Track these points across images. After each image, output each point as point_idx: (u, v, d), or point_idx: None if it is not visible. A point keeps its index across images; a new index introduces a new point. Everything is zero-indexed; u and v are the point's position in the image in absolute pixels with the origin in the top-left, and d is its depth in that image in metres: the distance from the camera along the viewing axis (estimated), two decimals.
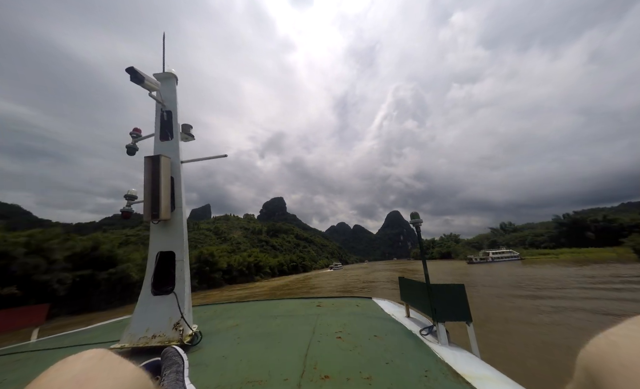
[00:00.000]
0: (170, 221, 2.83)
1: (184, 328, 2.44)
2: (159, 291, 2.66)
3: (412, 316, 3.23)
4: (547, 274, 31.53)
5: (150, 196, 2.67)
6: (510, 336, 9.42)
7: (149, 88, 2.82)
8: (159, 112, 3.17)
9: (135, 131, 3.28)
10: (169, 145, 3.10)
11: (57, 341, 3.50)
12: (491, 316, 12.38)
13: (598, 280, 23.09)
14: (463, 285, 2.38)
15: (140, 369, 0.27)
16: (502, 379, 1.59)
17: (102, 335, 3.54)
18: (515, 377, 1.59)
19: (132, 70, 2.54)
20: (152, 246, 2.80)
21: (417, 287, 2.86)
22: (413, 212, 2.59)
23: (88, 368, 0.21)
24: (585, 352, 0.16)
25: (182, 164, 3.10)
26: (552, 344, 8.19)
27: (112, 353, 0.24)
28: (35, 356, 2.76)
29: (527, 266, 49.44)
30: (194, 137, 3.59)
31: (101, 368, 0.21)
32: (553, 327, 10.21)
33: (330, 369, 1.61)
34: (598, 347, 0.16)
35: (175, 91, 3.29)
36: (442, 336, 2.21)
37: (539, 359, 7.20)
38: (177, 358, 1.14)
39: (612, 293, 16.60)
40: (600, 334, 0.16)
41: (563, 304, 14.26)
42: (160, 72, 3.29)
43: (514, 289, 21.25)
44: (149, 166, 2.73)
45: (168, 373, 1.03)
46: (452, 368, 1.67)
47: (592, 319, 10.92)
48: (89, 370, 0.20)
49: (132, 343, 2.37)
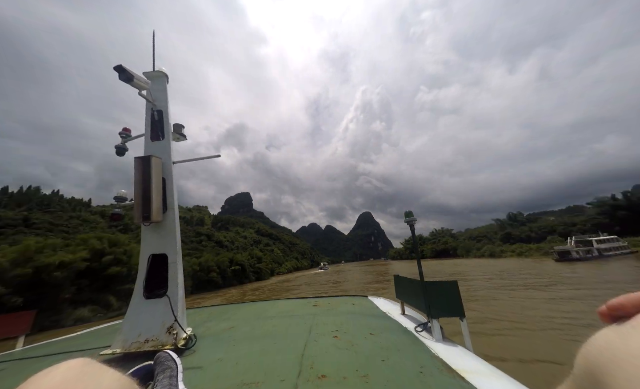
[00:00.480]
0: (162, 222, 2.78)
1: (178, 331, 2.40)
2: (151, 295, 2.61)
3: (407, 313, 3.27)
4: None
5: (141, 197, 2.61)
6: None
7: (138, 87, 2.75)
8: (149, 111, 3.10)
9: (125, 130, 3.20)
10: (160, 145, 3.04)
11: (44, 348, 3.39)
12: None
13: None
14: (456, 281, 2.42)
15: (125, 377, 0.25)
16: (495, 373, 1.62)
17: (93, 341, 3.45)
18: (508, 371, 1.62)
19: (121, 69, 2.48)
20: (144, 248, 2.74)
21: (412, 284, 2.89)
22: (407, 211, 2.61)
23: (68, 379, 0.19)
24: (585, 348, 0.16)
25: (174, 164, 3.05)
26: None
27: (94, 361, 0.22)
28: (21, 365, 2.66)
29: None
30: (185, 137, 3.53)
31: (82, 378, 0.20)
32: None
33: (327, 369, 1.62)
34: (598, 343, 0.16)
35: (166, 90, 3.23)
36: (437, 332, 2.25)
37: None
38: (170, 362, 1.11)
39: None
40: (601, 330, 0.16)
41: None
42: (150, 70, 3.22)
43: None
44: (139, 167, 2.66)
45: (161, 378, 1.01)
46: (447, 363, 1.69)
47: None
48: (69, 381, 0.19)
49: (124, 348, 2.31)
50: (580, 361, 0.16)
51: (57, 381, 0.19)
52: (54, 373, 0.20)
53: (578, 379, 0.16)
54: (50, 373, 0.20)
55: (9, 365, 2.72)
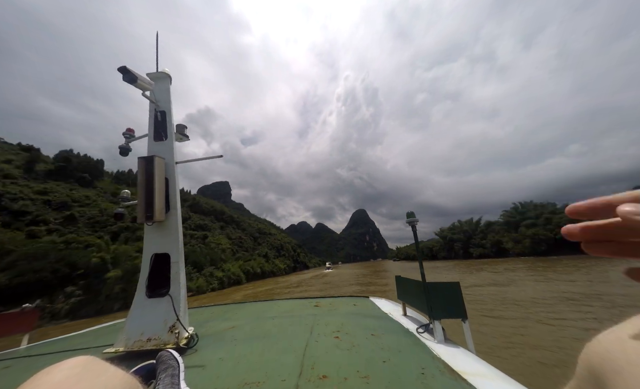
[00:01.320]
0: (164, 222, 2.80)
1: (180, 330, 2.41)
2: (154, 294, 2.63)
3: (408, 314, 3.26)
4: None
5: (144, 197, 2.63)
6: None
7: (142, 88, 2.78)
8: (152, 112, 3.13)
9: (129, 131, 3.23)
10: (163, 145, 3.07)
11: (48, 346, 3.43)
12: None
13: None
14: (458, 282, 2.41)
15: (129, 375, 0.26)
16: (498, 375, 1.61)
17: (96, 339, 3.48)
18: (511, 373, 1.61)
19: (125, 70, 2.50)
20: (147, 248, 2.76)
21: (414, 285, 2.88)
22: (409, 212, 2.60)
23: (71, 377, 0.19)
24: (588, 348, 0.16)
25: (176, 164, 3.08)
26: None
27: (97, 359, 0.22)
28: (25, 363, 2.69)
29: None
30: (188, 138, 3.56)
31: (86, 376, 0.20)
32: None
33: (328, 369, 1.62)
34: (603, 344, 0.16)
35: (169, 91, 3.26)
36: (439, 334, 2.23)
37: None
38: (172, 361, 1.12)
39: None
40: (605, 330, 0.16)
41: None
42: (154, 71, 3.25)
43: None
44: (142, 167, 2.69)
45: (163, 376, 1.02)
46: (449, 365, 1.68)
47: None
48: (72, 379, 0.19)
49: (127, 347, 2.33)
50: (583, 362, 0.16)
51: (60, 378, 0.19)
52: (57, 370, 0.20)
53: (581, 380, 0.16)
54: (53, 370, 0.20)
55: (14, 362, 2.76)
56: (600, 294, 14.01)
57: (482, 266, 44.40)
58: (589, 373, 0.16)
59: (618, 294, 13.52)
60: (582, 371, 0.16)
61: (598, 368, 0.16)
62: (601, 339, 0.16)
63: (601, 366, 0.16)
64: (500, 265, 41.87)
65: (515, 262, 48.15)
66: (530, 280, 22.24)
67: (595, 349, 0.16)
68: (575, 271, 25.74)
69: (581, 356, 0.16)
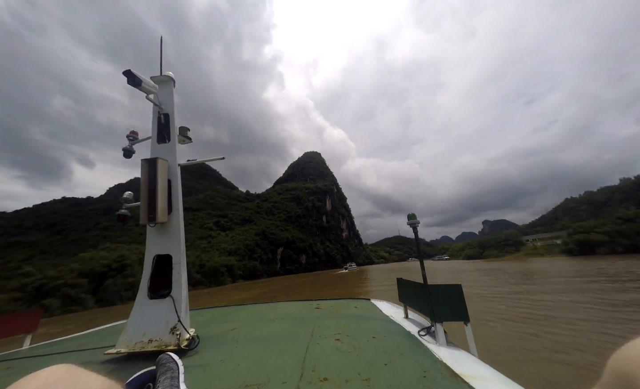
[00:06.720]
0: (167, 223, 2.82)
1: (181, 332, 2.42)
2: (155, 295, 2.64)
3: (410, 317, 3.24)
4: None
5: (147, 198, 2.66)
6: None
7: (146, 91, 2.82)
8: (156, 114, 3.17)
9: (132, 133, 3.28)
10: (166, 148, 3.10)
11: (50, 347, 3.44)
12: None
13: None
14: (460, 285, 2.39)
15: (109, 381, 0.25)
16: (500, 378, 1.60)
17: (97, 340, 3.49)
18: (514, 376, 1.60)
19: (129, 73, 2.54)
20: (149, 249, 2.78)
21: (415, 288, 2.87)
22: (410, 214, 2.60)
23: (49, 384, 0.19)
24: (619, 355, 0.15)
25: (179, 166, 3.11)
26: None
27: (76, 367, 0.22)
28: (27, 363, 2.70)
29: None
30: (191, 140, 3.59)
31: (64, 385, 0.19)
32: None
33: (329, 372, 1.61)
34: (635, 351, 0.15)
35: (172, 94, 3.30)
36: (440, 337, 2.22)
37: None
38: (172, 364, 1.13)
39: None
40: (635, 339, 0.15)
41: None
42: (158, 75, 3.30)
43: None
44: (145, 169, 2.72)
45: (162, 379, 1.02)
46: (451, 368, 1.67)
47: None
48: (50, 387, 0.19)
49: (128, 348, 2.34)
50: (612, 368, 0.16)
51: (36, 387, 0.19)
52: (35, 379, 0.20)
53: (607, 387, 0.16)
54: (31, 379, 0.20)
55: (16, 363, 2.77)
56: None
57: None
58: (619, 379, 0.15)
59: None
60: (610, 377, 0.16)
61: (630, 375, 0.15)
62: (635, 345, 0.15)
63: (634, 373, 0.15)
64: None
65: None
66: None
67: (628, 355, 0.15)
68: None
69: (610, 362, 0.16)
